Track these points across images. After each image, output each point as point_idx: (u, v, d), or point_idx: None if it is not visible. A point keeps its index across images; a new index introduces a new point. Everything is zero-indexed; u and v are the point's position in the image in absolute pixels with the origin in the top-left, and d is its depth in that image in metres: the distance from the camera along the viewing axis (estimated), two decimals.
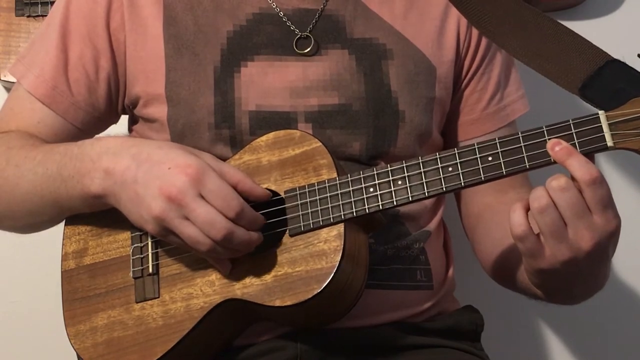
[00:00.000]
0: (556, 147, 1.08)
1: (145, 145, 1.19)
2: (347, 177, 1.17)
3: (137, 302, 1.22)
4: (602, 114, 1.09)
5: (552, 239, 1.08)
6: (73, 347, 1.23)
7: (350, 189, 1.16)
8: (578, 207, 1.06)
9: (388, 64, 1.32)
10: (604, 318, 1.81)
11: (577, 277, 1.14)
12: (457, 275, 1.41)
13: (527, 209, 1.09)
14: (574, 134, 1.09)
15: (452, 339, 1.33)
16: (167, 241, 1.19)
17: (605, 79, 1.18)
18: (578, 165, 1.07)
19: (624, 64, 1.18)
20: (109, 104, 1.35)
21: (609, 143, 1.08)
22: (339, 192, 1.17)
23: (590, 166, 1.07)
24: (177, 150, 1.17)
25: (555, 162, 1.09)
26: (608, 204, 1.08)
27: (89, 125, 1.35)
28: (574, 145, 1.09)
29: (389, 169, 1.16)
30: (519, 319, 1.80)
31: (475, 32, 1.37)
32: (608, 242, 1.09)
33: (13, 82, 1.41)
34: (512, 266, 1.26)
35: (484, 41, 1.38)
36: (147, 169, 1.15)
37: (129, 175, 1.16)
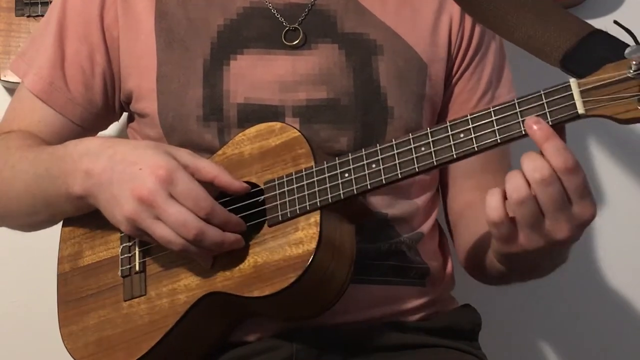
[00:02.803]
0: (534, 126, 1.04)
1: (121, 145, 1.20)
2: (324, 164, 1.16)
3: (125, 301, 1.23)
4: (573, 81, 1.05)
5: (528, 229, 1.05)
6: (66, 347, 1.24)
7: (326, 175, 1.15)
8: (560, 201, 1.03)
9: (378, 59, 1.31)
10: (602, 317, 1.79)
11: (546, 260, 1.12)
12: (456, 275, 1.38)
13: (505, 194, 1.05)
14: (545, 104, 1.05)
15: (450, 338, 1.30)
16: (143, 241, 1.20)
17: (588, 50, 1.13)
18: (554, 151, 1.02)
19: (606, 33, 1.14)
20: (106, 100, 1.37)
21: (580, 110, 1.03)
22: (315, 179, 1.15)
23: (567, 153, 1.02)
24: (150, 150, 1.17)
25: (526, 135, 1.05)
26: (585, 192, 1.03)
27: (88, 122, 1.37)
28: (544, 115, 1.05)
29: (364, 152, 1.14)
30: (516, 318, 1.79)
31: (467, 31, 1.36)
32: (582, 230, 1.06)
33: (13, 82, 1.45)
34: (481, 254, 1.24)
35: (475, 40, 1.36)
36: (121, 170, 1.16)
37: (105, 177, 1.17)
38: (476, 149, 1.08)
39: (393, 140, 1.13)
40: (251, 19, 1.32)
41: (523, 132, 1.05)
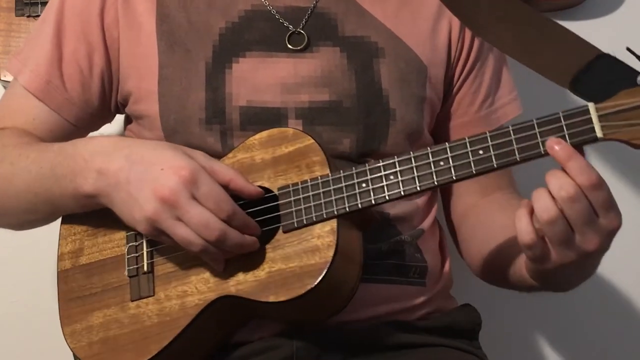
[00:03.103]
0: (556, 146, 1.08)
1: (138, 145, 1.20)
2: (340, 173, 1.17)
3: (132, 301, 1.22)
4: (591, 105, 1.09)
5: (559, 246, 1.09)
6: (69, 346, 1.24)
7: (343, 184, 1.17)
8: (588, 216, 1.07)
9: (379, 62, 1.33)
10: (602, 317, 1.82)
11: (579, 272, 1.16)
12: (455, 274, 1.41)
13: (531, 214, 1.09)
14: (564, 126, 1.10)
15: (450, 337, 1.32)
16: (159, 241, 1.20)
17: (596, 73, 1.18)
18: (578, 170, 1.06)
19: (614, 57, 1.19)
20: (103, 100, 1.36)
21: (599, 134, 1.08)
22: (331, 188, 1.17)
23: (590, 170, 1.06)
24: (170, 151, 1.18)
25: (546, 154, 1.10)
26: (610, 205, 1.08)
27: (83, 121, 1.36)
28: (563, 137, 1.09)
29: (381, 164, 1.16)
30: (516, 317, 1.80)
31: (467, 35, 1.38)
32: (611, 239, 1.11)
33: None
34: (501, 263, 1.27)
35: (476, 44, 1.39)
36: (140, 170, 1.16)
37: (122, 176, 1.16)
38: (495, 166, 1.12)
39: (411, 153, 1.16)
40: (252, 22, 1.33)
41: (543, 152, 1.09)
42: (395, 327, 1.29)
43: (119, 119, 1.43)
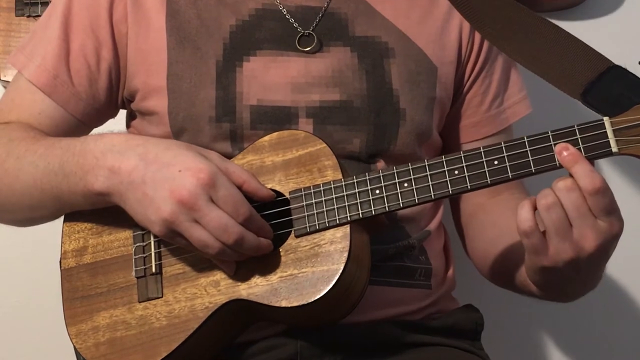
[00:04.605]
0: (564, 151, 1.10)
1: (152, 144, 1.18)
2: (353, 179, 1.18)
3: (140, 302, 1.22)
4: (606, 120, 1.11)
5: (556, 237, 1.10)
6: (75, 346, 1.22)
7: (356, 190, 1.17)
8: (583, 208, 1.09)
9: (390, 62, 1.33)
10: (602, 318, 1.84)
11: (577, 276, 1.16)
12: (457, 276, 1.42)
13: (535, 207, 1.12)
14: (579, 139, 1.11)
15: (452, 337, 1.34)
16: (172, 242, 1.19)
17: (607, 85, 1.20)
18: (582, 173, 1.08)
19: (625, 70, 1.20)
20: (109, 96, 1.34)
21: (614, 149, 1.10)
22: (344, 193, 1.17)
23: (594, 175, 1.08)
24: (186, 151, 1.17)
25: (560, 167, 1.11)
26: (612, 209, 1.10)
27: (89, 117, 1.34)
28: (579, 150, 1.11)
29: (395, 171, 1.17)
30: (518, 318, 1.81)
31: (477, 35, 1.38)
32: (610, 244, 1.12)
33: None
34: (509, 265, 1.28)
35: (486, 44, 1.39)
36: (156, 170, 1.15)
37: (137, 176, 1.15)
38: (511, 177, 1.13)
39: (425, 161, 1.16)
40: (263, 20, 1.32)
41: (558, 165, 1.11)
42: (398, 327, 1.30)
43: (122, 115, 1.41)
